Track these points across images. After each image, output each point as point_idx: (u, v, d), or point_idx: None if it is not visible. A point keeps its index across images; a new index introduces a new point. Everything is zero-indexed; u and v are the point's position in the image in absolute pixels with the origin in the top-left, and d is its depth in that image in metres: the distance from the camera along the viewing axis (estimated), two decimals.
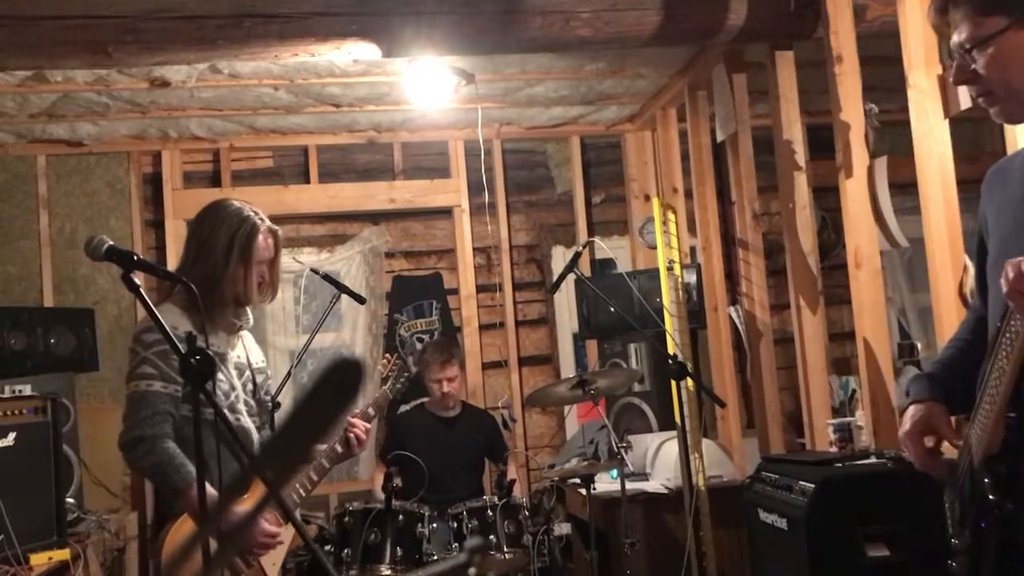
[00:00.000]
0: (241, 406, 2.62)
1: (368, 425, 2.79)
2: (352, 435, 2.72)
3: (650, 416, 4.57)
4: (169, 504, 2.46)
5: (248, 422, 2.63)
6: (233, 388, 2.61)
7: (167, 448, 2.41)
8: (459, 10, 3.46)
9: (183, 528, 2.44)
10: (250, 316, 2.71)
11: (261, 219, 2.62)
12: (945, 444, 1.89)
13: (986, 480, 1.67)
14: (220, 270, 2.54)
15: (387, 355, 3.32)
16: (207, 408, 2.43)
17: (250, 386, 2.70)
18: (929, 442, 1.88)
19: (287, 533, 2.58)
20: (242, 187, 5.38)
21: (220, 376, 2.55)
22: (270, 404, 2.83)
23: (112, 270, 2.44)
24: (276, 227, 2.67)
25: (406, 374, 3.22)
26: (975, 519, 1.71)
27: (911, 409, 1.91)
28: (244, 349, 2.74)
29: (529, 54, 4.33)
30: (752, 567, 3.29)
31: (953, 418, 1.93)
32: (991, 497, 1.66)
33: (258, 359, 2.80)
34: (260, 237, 2.59)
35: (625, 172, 5.78)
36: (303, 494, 2.70)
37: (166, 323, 2.37)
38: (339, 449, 2.73)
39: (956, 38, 1.75)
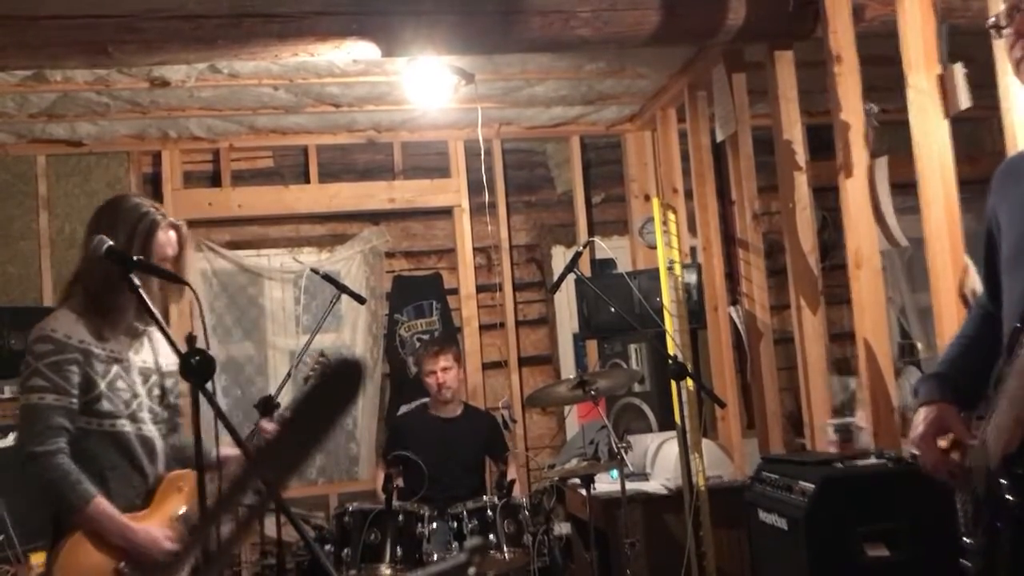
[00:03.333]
0: (144, 414, 2.48)
1: (271, 427, 2.63)
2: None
3: (650, 416, 4.57)
4: (67, 520, 2.32)
5: (152, 430, 2.49)
6: (136, 396, 2.47)
7: (60, 464, 2.28)
8: (459, 10, 3.46)
9: (80, 547, 2.30)
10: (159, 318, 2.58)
11: (162, 215, 2.48)
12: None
13: (1003, 481, 1.65)
14: (119, 270, 2.36)
15: (312, 353, 3.08)
16: (107, 420, 2.36)
17: (157, 391, 2.55)
18: (942, 444, 1.86)
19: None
20: (242, 187, 5.38)
21: (120, 384, 2.42)
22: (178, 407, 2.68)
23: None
24: (180, 222, 2.52)
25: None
26: (990, 520, 1.70)
27: (922, 411, 1.89)
28: (152, 352, 2.58)
29: (529, 54, 4.33)
30: (752, 567, 3.29)
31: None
32: (1008, 498, 1.64)
33: (168, 361, 2.61)
34: (160, 233, 2.44)
35: (625, 172, 5.77)
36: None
37: (60, 330, 2.32)
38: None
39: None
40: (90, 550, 2.31)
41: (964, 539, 1.78)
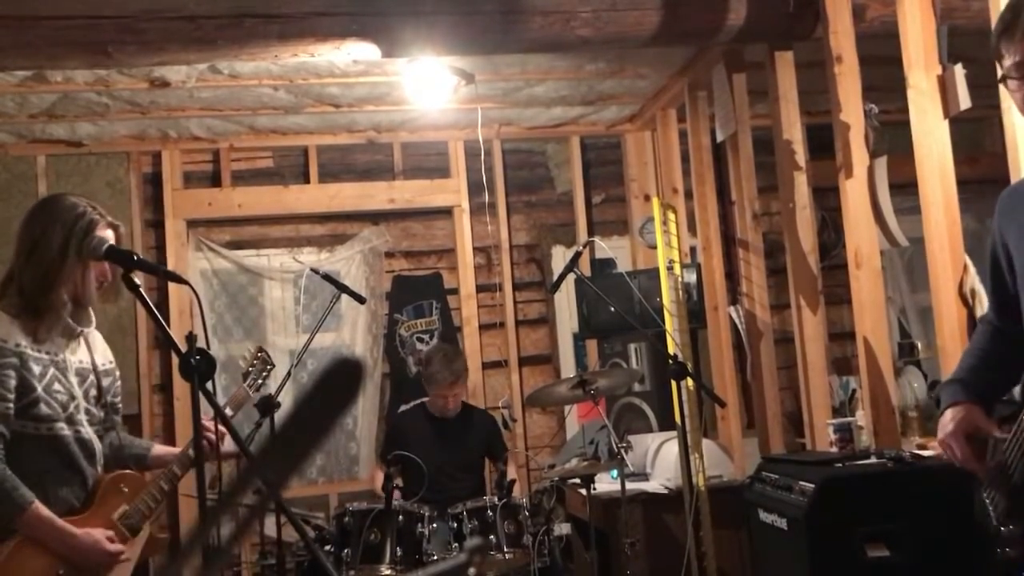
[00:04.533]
0: (81, 416, 2.44)
1: (223, 429, 2.53)
2: (204, 439, 2.48)
3: (650, 416, 4.57)
4: (3, 527, 2.29)
5: (89, 432, 2.46)
6: (73, 398, 2.43)
7: None
8: (459, 10, 3.46)
9: (19, 554, 2.28)
10: (92, 318, 2.53)
11: (100, 214, 2.43)
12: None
13: None
14: (56, 270, 2.35)
15: (249, 348, 3.00)
16: (44, 423, 2.34)
17: (94, 392, 2.51)
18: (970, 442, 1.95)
19: (132, 550, 2.45)
20: (242, 187, 5.38)
21: (57, 387, 2.38)
22: (119, 406, 2.65)
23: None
24: (117, 222, 2.48)
25: (269, 367, 2.94)
26: None
27: (949, 412, 1.97)
28: (88, 351, 2.54)
29: (529, 54, 4.33)
30: (752, 567, 3.29)
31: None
32: None
33: (105, 360, 2.60)
34: (99, 232, 2.40)
35: (625, 172, 5.78)
36: (152, 505, 2.51)
37: None
38: (191, 454, 2.49)
39: (1021, 56, 1.79)
40: (30, 557, 2.29)
41: (1000, 528, 1.83)
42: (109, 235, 2.44)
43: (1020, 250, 1.91)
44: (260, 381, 2.91)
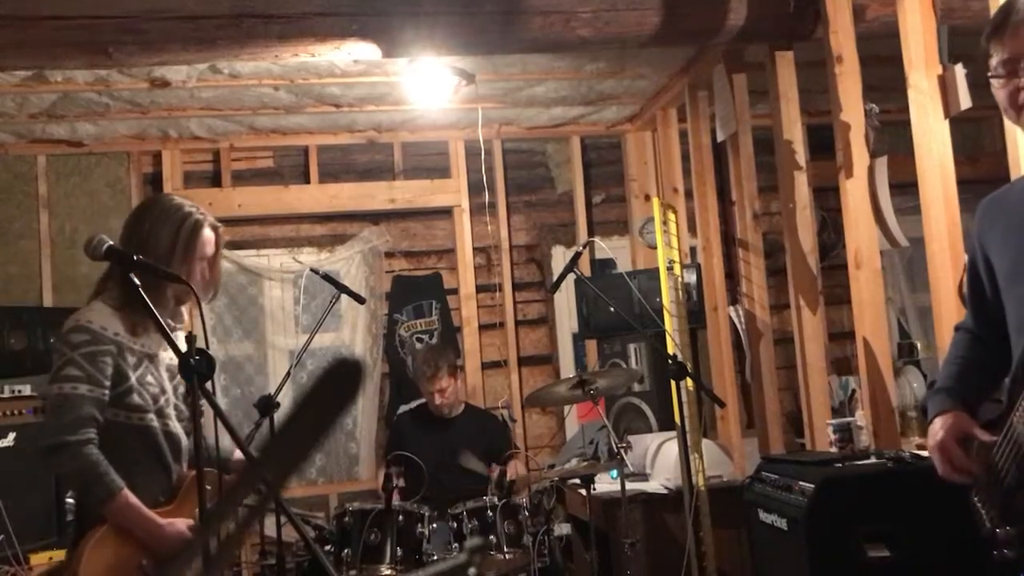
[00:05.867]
0: (171, 410, 2.51)
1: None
2: None
3: (650, 416, 4.57)
4: (91, 513, 2.33)
5: (177, 427, 2.52)
6: (163, 391, 2.49)
7: (90, 455, 2.27)
8: (459, 10, 3.46)
9: (106, 541, 2.30)
10: (184, 316, 2.61)
11: (203, 214, 2.53)
12: None
13: None
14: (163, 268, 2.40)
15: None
16: (135, 413, 2.38)
17: (181, 389, 2.57)
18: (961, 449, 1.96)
19: None
20: (242, 187, 5.38)
21: (149, 379, 2.45)
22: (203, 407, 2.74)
23: None
24: (218, 223, 2.57)
25: None
26: None
27: (938, 421, 1.98)
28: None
29: (529, 54, 4.33)
30: (752, 567, 3.29)
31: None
32: None
33: None
34: (204, 232, 2.50)
35: (625, 172, 5.78)
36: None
37: (96, 322, 2.34)
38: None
39: (1009, 54, 1.82)
40: (117, 544, 2.31)
41: (996, 530, 1.83)
42: (211, 236, 2.53)
43: (1001, 259, 1.93)
44: None
